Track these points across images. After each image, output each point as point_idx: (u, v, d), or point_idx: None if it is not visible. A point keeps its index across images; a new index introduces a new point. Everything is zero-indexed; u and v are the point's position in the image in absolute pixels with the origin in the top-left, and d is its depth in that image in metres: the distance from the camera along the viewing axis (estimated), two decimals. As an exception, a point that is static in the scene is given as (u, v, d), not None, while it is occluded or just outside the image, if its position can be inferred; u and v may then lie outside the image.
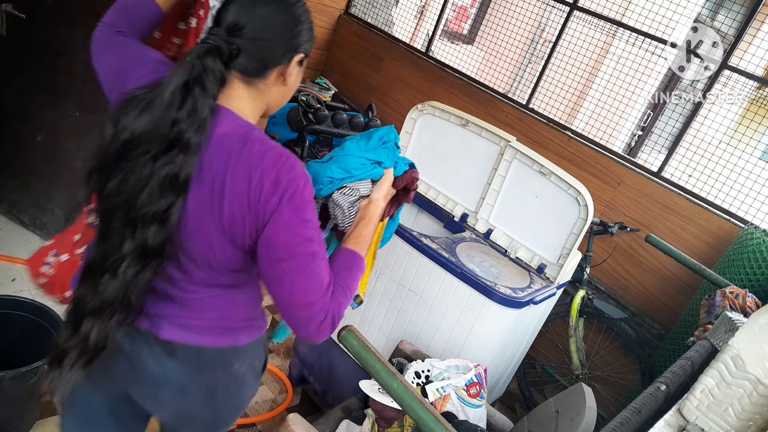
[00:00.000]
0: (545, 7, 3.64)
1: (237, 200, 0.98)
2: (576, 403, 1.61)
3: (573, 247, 2.18)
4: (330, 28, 4.39)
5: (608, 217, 2.97)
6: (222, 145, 0.98)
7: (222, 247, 1.02)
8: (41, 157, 2.51)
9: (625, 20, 3.17)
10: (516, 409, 2.93)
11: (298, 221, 1.00)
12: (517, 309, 1.99)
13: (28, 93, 2.45)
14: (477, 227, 2.42)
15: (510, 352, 2.32)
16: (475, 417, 1.70)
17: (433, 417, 1.08)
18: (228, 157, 0.98)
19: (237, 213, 0.98)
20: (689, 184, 2.81)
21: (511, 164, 2.28)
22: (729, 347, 1.15)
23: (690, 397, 1.15)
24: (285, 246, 0.99)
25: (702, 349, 1.45)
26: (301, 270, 1.00)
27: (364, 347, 1.19)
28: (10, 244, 2.53)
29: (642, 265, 2.88)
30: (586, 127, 3.21)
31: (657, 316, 2.83)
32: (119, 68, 1.15)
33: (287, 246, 0.99)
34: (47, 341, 1.87)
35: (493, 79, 3.62)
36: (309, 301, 1.01)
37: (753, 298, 1.81)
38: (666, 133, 2.99)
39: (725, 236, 2.64)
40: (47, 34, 2.33)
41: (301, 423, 1.55)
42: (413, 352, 1.96)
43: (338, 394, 2.38)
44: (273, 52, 1.04)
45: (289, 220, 0.99)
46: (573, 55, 3.31)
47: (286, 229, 0.99)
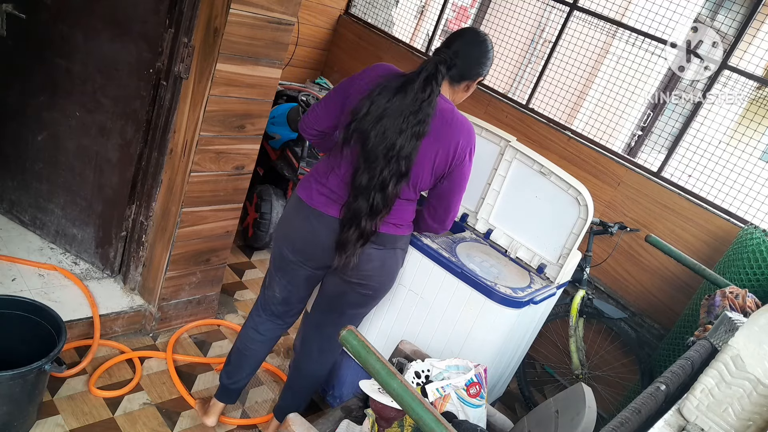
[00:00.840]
0: (545, 7, 3.64)
1: (445, 148, 1.69)
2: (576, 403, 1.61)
3: (573, 247, 2.18)
4: (330, 28, 4.39)
5: (608, 217, 2.97)
6: (442, 114, 1.69)
7: (428, 175, 1.73)
8: (41, 157, 2.51)
9: (625, 20, 3.17)
10: (516, 409, 2.93)
11: (469, 171, 1.78)
12: (517, 309, 1.99)
13: (28, 93, 2.44)
14: (477, 227, 2.42)
15: (510, 352, 2.32)
16: (475, 417, 1.70)
17: (433, 417, 1.08)
18: (443, 122, 1.69)
19: (442, 156, 1.70)
20: (689, 184, 2.81)
21: (511, 164, 2.28)
22: (729, 347, 1.15)
23: (690, 397, 1.15)
24: (461, 181, 1.78)
25: (702, 349, 1.45)
26: (459, 197, 1.83)
27: (364, 347, 1.18)
28: (10, 244, 2.53)
29: (642, 265, 2.88)
30: (586, 127, 3.21)
31: (657, 316, 2.83)
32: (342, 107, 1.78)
33: (461, 182, 1.79)
34: (47, 341, 1.87)
35: (493, 79, 3.62)
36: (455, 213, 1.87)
37: (753, 298, 1.81)
38: (666, 133, 2.99)
39: (725, 236, 2.64)
40: (47, 34, 2.33)
41: (301, 423, 1.55)
42: (413, 352, 1.96)
43: (338, 394, 2.38)
44: (469, 72, 1.77)
45: (467, 169, 1.77)
46: (573, 55, 3.31)
47: (465, 173, 1.78)
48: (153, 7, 2.14)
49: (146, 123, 2.30)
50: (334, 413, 1.76)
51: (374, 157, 1.66)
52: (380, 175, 1.66)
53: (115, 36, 2.24)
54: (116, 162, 2.40)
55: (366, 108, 1.65)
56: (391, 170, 1.65)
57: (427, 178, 1.74)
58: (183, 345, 2.55)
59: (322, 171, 1.83)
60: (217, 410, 2.16)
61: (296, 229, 1.88)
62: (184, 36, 2.14)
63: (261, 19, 2.11)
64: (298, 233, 1.87)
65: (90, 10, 2.25)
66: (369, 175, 1.68)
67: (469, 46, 1.74)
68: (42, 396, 1.94)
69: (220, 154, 2.30)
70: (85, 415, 2.05)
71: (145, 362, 2.37)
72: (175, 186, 2.31)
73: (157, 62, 2.20)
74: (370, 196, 1.68)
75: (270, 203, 3.26)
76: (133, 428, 2.07)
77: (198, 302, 2.65)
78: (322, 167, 1.84)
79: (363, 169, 1.69)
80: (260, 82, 2.25)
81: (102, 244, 2.54)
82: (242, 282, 3.14)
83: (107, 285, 2.55)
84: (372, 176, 1.67)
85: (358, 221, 1.72)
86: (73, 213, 2.55)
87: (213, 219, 2.44)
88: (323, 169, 1.83)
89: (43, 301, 2.09)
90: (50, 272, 2.47)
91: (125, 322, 2.45)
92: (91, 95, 2.34)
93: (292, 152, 3.31)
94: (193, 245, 2.44)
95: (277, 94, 3.57)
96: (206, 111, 2.14)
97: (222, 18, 2.02)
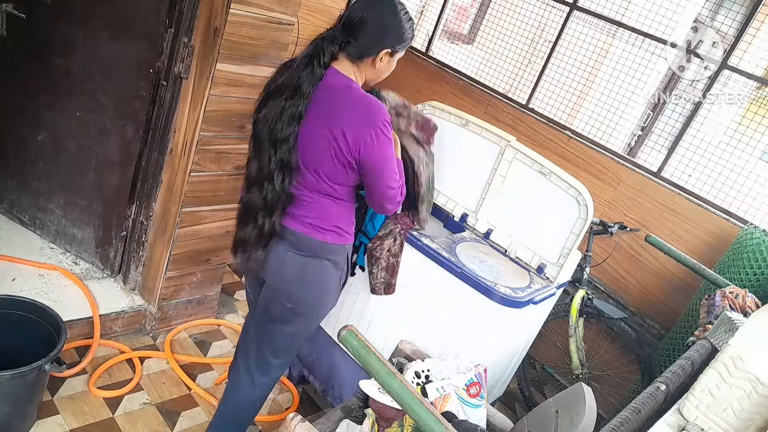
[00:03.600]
0: (545, 7, 3.64)
1: (340, 129, 1.51)
2: (576, 402, 1.61)
3: (573, 246, 2.18)
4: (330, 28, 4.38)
5: (608, 217, 2.96)
6: (333, 92, 1.54)
7: (330, 163, 1.55)
8: (41, 157, 2.51)
9: (625, 20, 3.17)
10: (516, 409, 2.93)
11: (384, 150, 1.55)
12: (517, 309, 1.99)
13: (28, 93, 2.44)
14: (477, 227, 2.42)
15: (510, 352, 2.32)
16: (475, 417, 1.70)
17: (433, 417, 1.08)
18: (337, 100, 1.53)
19: (341, 139, 1.51)
20: (689, 184, 2.80)
21: (511, 164, 2.28)
22: (729, 347, 1.15)
23: (690, 396, 1.15)
24: (381, 165, 1.56)
25: (702, 349, 1.45)
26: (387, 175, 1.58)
27: (364, 347, 1.18)
28: (10, 244, 2.53)
29: (642, 265, 2.88)
30: (586, 127, 3.21)
31: (657, 316, 2.83)
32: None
33: (381, 167, 1.56)
34: (47, 341, 1.87)
35: (493, 79, 3.62)
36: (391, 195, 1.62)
37: (753, 298, 1.81)
38: (666, 133, 2.99)
39: (725, 236, 2.64)
40: (47, 34, 2.33)
41: (301, 423, 1.55)
42: (413, 352, 1.96)
43: (338, 394, 2.38)
44: (368, 48, 1.58)
45: (380, 150, 1.53)
46: (573, 55, 3.31)
47: (379, 156, 1.54)
48: (153, 7, 2.14)
49: (146, 123, 2.30)
50: (334, 413, 1.77)
51: (260, 145, 1.58)
52: (269, 165, 1.55)
53: (115, 36, 2.24)
54: (116, 162, 2.40)
55: (260, 98, 1.63)
56: (277, 158, 1.54)
57: (331, 166, 1.56)
58: (183, 345, 2.55)
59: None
60: None
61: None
62: (184, 36, 2.14)
63: (261, 19, 2.11)
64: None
65: (90, 10, 2.25)
66: (258, 164, 1.58)
67: (364, 17, 1.55)
68: (42, 396, 1.94)
69: (220, 154, 2.30)
70: (85, 415, 2.05)
71: (145, 362, 2.37)
72: (175, 186, 2.31)
73: (157, 62, 2.20)
74: (263, 188, 1.57)
75: (270, 203, 3.25)
76: (133, 428, 2.07)
77: (198, 302, 2.65)
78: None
79: (253, 157, 1.61)
80: (260, 82, 2.24)
81: (102, 244, 2.54)
82: (242, 282, 3.14)
83: (107, 285, 2.54)
84: (261, 166, 1.57)
85: (254, 217, 1.61)
86: (73, 213, 2.55)
87: (213, 219, 2.44)
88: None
89: (43, 301, 2.09)
90: (50, 272, 2.47)
91: (125, 322, 2.45)
92: (91, 95, 2.34)
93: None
94: (193, 245, 2.44)
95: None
96: (206, 111, 2.14)
97: (222, 18, 2.02)
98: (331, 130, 1.52)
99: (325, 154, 1.55)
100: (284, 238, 1.65)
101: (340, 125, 1.51)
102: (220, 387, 2.39)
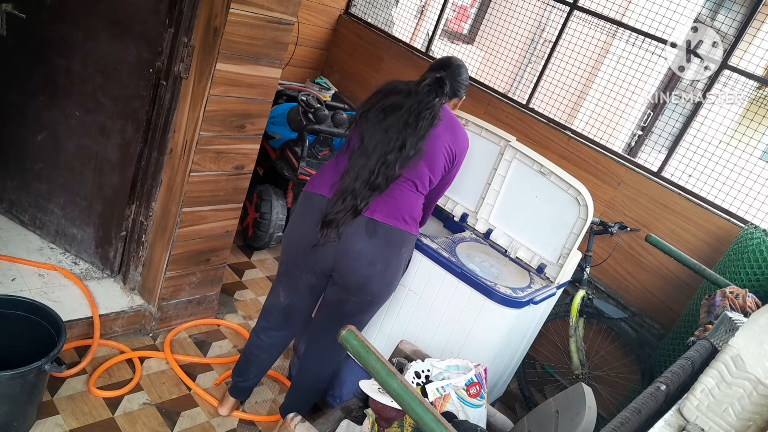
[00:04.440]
0: (545, 7, 3.64)
1: (453, 144, 1.92)
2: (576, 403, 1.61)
3: (573, 246, 2.18)
4: (330, 27, 4.39)
5: (608, 216, 2.96)
6: (449, 118, 1.95)
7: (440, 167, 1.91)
8: (41, 157, 2.51)
9: (625, 20, 3.17)
10: (516, 409, 2.93)
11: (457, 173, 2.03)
12: (517, 309, 1.99)
13: (28, 93, 2.44)
14: (477, 227, 2.42)
15: (510, 352, 2.32)
16: (475, 417, 1.70)
17: (433, 417, 1.08)
18: (452, 124, 1.94)
19: (449, 151, 1.92)
20: (689, 184, 2.80)
21: (511, 164, 2.28)
22: (729, 347, 1.15)
23: (690, 397, 1.15)
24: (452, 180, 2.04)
25: (702, 349, 1.45)
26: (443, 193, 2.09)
27: (364, 347, 1.18)
28: (10, 244, 2.53)
29: (642, 265, 2.87)
30: (586, 127, 3.21)
31: (657, 316, 2.83)
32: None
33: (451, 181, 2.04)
34: (47, 341, 1.87)
35: (493, 79, 3.62)
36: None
37: (753, 298, 1.81)
38: (666, 133, 2.99)
39: (725, 236, 2.64)
40: (47, 34, 2.33)
41: (301, 423, 1.55)
42: (413, 352, 1.96)
43: (338, 394, 2.38)
44: (458, 91, 2.05)
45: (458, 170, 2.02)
46: (573, 55, 3.31)
47: (455, 174, 2.02)
48: (153, 6, 2.14)
49: (146, 123, 2.30)
50: (334, 413, 1.76)
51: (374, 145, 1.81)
52: (386, 156, 1.78)
53: (114, 36, 2.24)
54: (116, 162, 2.39)
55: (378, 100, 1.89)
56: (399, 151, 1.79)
57: (440, 171, 1.91)
58: (183, 345, 2.55)
59: (326, 167, 1.96)
60: (230, 403, 2.27)
61: (294, 224, 1.95)
62: (183, 36, 2.14)
63: (261, 18, 2.11)
64: (296, 229, 1.93)
65: (90, 10, 2.25)
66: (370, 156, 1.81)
67: (457, 70, 2.03)
68: (42, 396, 1.93)
69: (220, 153, 2.30)
70: (85, 415, 2.05)
71: (145, 362, 2.37)
72: (175, 186, 2.31)
73: (157, 62, 2.20)
74: (374, 170, 1.78)
75: (270, 203, 3.26)
76: (133, 428, 2.07)
77: (198, 302, 2.65)
78: (328, 165, 1.96)
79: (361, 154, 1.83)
80: (260, 81, 2.25)
81: (102, 244, 2.54)
82: (242, 282, 3.13)
83: (107, 285, 2.54)
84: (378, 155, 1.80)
85: (352, 193, 1.78)
86: (72, 213, 2.55)
87: (213, 219, 2.44)
88: (327, 166, 1.96)
89: (43, 301, 2.09)
90: (50, 272, 2.47)
91: (125, 322, 2.45)
92: (91, 95, 2.33)
93: (292, 152, 3.30)
94: (193, 245, 2.44)
95: (277, 93, 3.57)
96: (206, 111, 2.14)
97: (222, 18, 2.02)
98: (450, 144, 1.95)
99: (439, 161, 1.91)
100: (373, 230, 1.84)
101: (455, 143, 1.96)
102: (220, 387, 2.39)
